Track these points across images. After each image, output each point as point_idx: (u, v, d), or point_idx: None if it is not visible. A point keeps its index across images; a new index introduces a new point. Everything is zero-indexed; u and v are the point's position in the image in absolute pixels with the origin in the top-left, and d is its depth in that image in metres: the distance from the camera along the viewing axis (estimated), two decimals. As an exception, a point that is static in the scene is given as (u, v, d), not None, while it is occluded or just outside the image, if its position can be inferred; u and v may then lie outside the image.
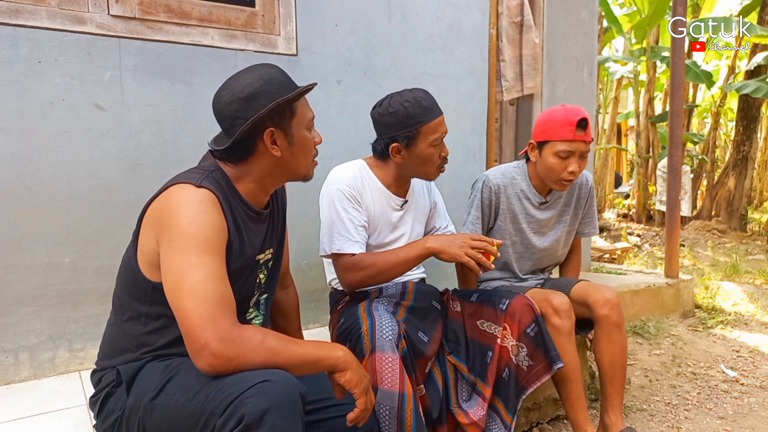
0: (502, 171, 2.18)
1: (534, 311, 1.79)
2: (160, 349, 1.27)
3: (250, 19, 2.27)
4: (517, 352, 1.77)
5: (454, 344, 1.90)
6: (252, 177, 1.32)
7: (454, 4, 2.83)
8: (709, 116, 12.76)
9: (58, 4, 1.90)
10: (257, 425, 1.02)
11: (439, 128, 1.76)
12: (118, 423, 1.21)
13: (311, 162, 1.40)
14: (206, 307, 1.08)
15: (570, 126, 1.93)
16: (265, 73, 1.29)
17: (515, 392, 1.77)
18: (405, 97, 1.74)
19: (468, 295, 1.95)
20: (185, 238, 1.13)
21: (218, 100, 1.29)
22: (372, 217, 1.83)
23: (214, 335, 1.06)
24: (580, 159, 1.97)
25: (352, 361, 1.24)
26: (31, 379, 1.94)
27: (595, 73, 3.83)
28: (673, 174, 3.67)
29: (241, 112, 1.25)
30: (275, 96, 1.26)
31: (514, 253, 2.23)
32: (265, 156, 1.30)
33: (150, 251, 1.22)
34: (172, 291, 1.12)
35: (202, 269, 1.11)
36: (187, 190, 1.20)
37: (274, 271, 1.49)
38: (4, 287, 1.87)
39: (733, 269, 5.27)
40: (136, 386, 1.21)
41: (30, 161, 1.89)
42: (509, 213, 2.16)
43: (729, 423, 2.34)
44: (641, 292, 3.40)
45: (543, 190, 2.16)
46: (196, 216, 1.16)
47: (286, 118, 1.29)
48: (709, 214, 8.93)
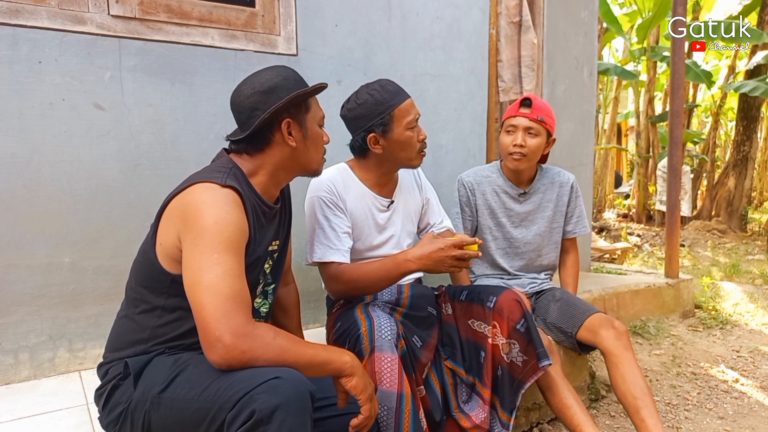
0: (474, 170, 2.35)
1: (522, 306, 1.76)
2: (171, 341, 1.29)
3: (250, 19, 2.27)
4: (508, 349, 1.75)
5: (449, 348, 1.88)
6: (266, 170, 1.38)
7: (454, 4, 2.83)
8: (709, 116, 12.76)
9: (58, 5, 1.90)
10: (267, 421, 1.03)
11: (411, 110, 1.75)
12: (123, 416, 1.22)
13: (321, 158, 1.47)
14: (222, 301, 1.11)
15: (516, 105, 2.16)
16: (283, 71, 1.38)
17: (512, 389, 1.76)
18: (370, 87, 1.75)
19: (458, 293, 1.92)
20: (209, 236, 1.17)
21: (238, 93, 1.36)
22: (356, 221, 1.81)
23: (228, 329, 1.09)
24: (527, 134, 2.13)
25: (358, 367, 1.27)
26: (31, 379, 1.94)
27: (595, 73, 3.83)
28: (673, 174, 3.67)
29: (260, 104, 1.32)
30: (292, 90, 1.34)
31: (497, 249, 2.30)
32: (281, 146, 1.37)
33: (170, 245, 1.25)
34: (191, 285, 1.16)
35: (221, 266, 1.15)
36: (212, 190, 1.23)
37: (280, 261, 1.53)
38: (4, 287, 1.87)
39: (733, 269, 5.27)
40: (143, 379, 1.23)
41: (30, 161, 1.89)
42: (487, 209, 2.28)
43: (729, 423, 2.34)
44: (641, 292, 3.40)
45: (519, 181, 2.27)
46: (220, 216, 1.20)
47: (302, 112, 1.38)
48: (709, 214, 8.93)
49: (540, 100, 2.15)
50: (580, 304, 2.15)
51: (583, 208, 2.36)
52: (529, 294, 2.32)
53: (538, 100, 2.14)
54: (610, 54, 12.90)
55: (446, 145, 2.86)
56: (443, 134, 2.85)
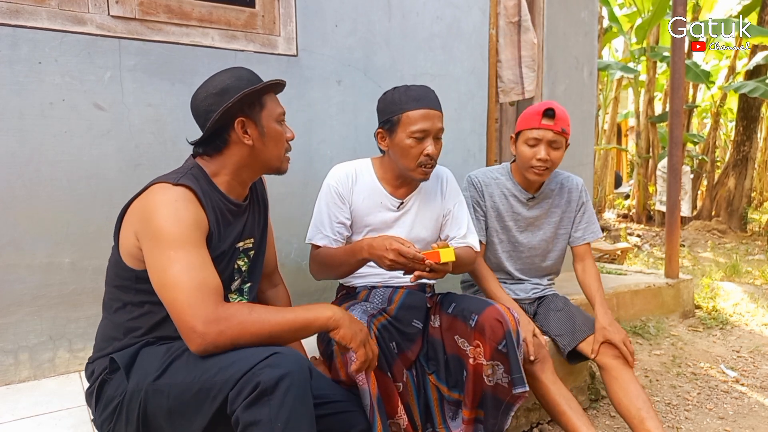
0: (483, 171, 2.29)
1: (504, 326, 1.64)
2: (146, 334, 1.33)
3: (250, 20, 2.27)
4: (491, 371, 1.66)
5: (434, 363, 1.81)
6: (228, 170, 1.40)
7: (454, 4, 2.83)
8: (709, 116, 12.76)
9: (58, 5, 1.90)
10: (272, 390, 1.07)
11: (422, 121, 1.69)
12: (118, 409, 1.24)
13: (283, 154, 1.47)
14: (186, 294, 1.16)
15: (537, 115, 2.04)
16: (236, 72, 1.40)
17: (499, 412, 1.68)
18: (399, 87, 1.75)
19: (448, 305, 1.83)
20: (163, 236, 1.21)
21: (194, 98, 1.40)
22: (358, 216, 1.83)
23: (198, 318, 1.14)
24: (550, 147, 2.05)
25: (343, 317, 1.30)
26: (31, 379, 1.94)
27: (595, 73, 3.83)
28: (673, 174, 3.67)
29: (214, 106, 1.34)
30: (244, 89, 1.35)
31: (503, 252, 2.27)
32: (238, 146, 1.38)
33: (130, 245, 1.30)
34: (158, 287, 1.21)
35: (179, 262, 1.19)
36: (164, 190, 1.27)
37: (256, 260, 1.55)
38: (4, 287, 1.87)
39: (733, 269, 5.27)
40: (136, 370, 1.25)
41: (30, 161, 1.89)
42: (494, 211, 2.23)
43: (729, 423, 2.34)
44: (641, 293, 3.40)
45: (529, 186, 2.21)
46: (171, 214, 1.23)
47: (256, 110, 1.38)
48: (709, 215, 8.93)
49: (560, 109, 2.05)
50: (579, 319, 2.14)
51: (593, 213, 2.31)
52: (531, 299, 2.31)
53: (559, 109, 2.03)
54: (610, 54, 12.89)
55: (446, 145, 2.82)
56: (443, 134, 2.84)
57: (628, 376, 1.94)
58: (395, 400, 1.58)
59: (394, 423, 1.59)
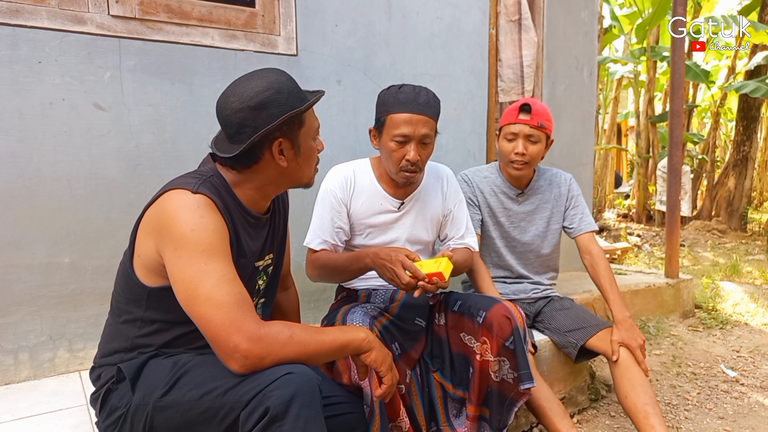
0: (473, 170, 2.34)
1: (512, 323, 1.65)
2: (155, 351, 1.27)
3: (250, 20, 2.27)
4: (498, 368, 1.67)
5: (439, 361, 1.82)
6: (253, 184, 1.30)
7: (454, 4, 2.83)
8: (709, 116, 12.76)
9: (58, 5, 1.90)
10: (283, 416, 1.04)
11: (404, 125, 1.65)
12: (123, 420, 1.21)
13: (314, 170, 1.39)
14: (226, 311, 1.08)
15: (514, 111, 2.11)
16: (275, 81, 1.24)
17: (503, 407, 1.69)
18: (395, 86, 1.73)
19: (453, 303, 1.84)
20: (190, 246, 1.12)
21: (225, 105, 1.24)
22: (357, 219, 1.83)
23: (242, 337, 1.07)
24: (527, 141, 2.10)
25: (374, 340, 1.27)
26: (31, 379, 1.94)
27: (595, 73, 3.83)
28: (673, 174, 3.67)
29: (249, 121, 1.21)
30: (285, 106, 1.22)
31: (502, 247, 2.31)
32: (271, 165, 1.28)
33: (148, 258, 1.21)
34: (187, 300, 1.12)
35: (212, 275, 1.11)
36: (183, 196, 1.17)
37: (274, 276, 1.49)
38: (4, 287, 1.87)
39: (733, 269, 5.27)
40: (142, 383, 1.21)
41: (30, 161, 1.89)
42: (487, 208, 2.27)
43: (729, 423, 2.34)
44: (641, 292, 3.40)
45: (518, 183, 2.25)
46: (195, 222, 1.14)
47: (295, 129, 1.27)
48: (709, 214, 8.93)
49: (539, 105, 2.11)
50: (588, 316, 2.19)
51: (585, 206, 2.33)
52: (532, 299, 2.32)
53: (537, 105, 2.10)
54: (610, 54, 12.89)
55: (446, 145, 2.86)
56: (443, 134, 2.84)
57: (638, 371, 1.95)
58: (397, 403, 1.58)
59: (396, 426, 1.58)
